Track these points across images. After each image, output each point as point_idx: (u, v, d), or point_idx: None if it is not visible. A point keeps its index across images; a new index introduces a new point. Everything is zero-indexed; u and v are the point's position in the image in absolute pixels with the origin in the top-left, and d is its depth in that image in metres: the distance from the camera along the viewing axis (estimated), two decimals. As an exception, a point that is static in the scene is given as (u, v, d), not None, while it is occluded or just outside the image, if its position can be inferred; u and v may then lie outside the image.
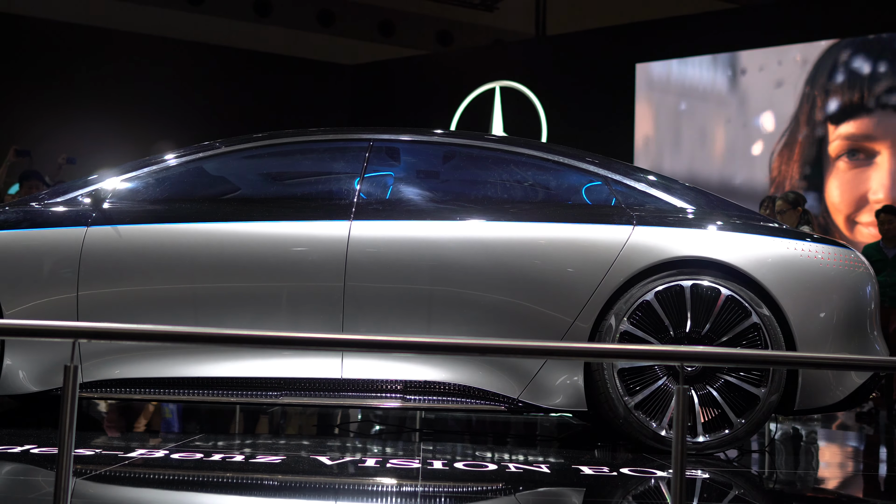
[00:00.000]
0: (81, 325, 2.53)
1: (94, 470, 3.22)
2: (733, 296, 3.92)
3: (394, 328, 4.00)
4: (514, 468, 3.53)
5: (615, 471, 3.50)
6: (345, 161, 4.43)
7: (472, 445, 4.28)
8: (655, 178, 4.41)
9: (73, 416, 2.33)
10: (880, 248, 7.51)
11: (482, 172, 4.49)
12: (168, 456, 3.53)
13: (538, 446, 4.44)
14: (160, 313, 4.02)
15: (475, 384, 3.98)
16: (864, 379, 4.06)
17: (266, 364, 4.04)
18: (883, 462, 4.68)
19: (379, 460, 3.59)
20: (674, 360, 2.73)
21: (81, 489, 2.92)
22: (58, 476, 2.30)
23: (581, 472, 3.49)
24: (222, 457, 3.53)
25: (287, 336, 2.73)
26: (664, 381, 3.92)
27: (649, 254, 3.99)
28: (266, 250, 4.06)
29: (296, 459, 3.54)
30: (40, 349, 4.00)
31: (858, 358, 3.82)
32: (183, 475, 3.26)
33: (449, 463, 3.57)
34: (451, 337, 3.92)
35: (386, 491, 3.15)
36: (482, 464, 3.60)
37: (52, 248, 4.07)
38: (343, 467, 3.43)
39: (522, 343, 3.05)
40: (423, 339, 2.83)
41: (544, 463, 3.67)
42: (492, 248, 4.06)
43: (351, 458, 3.60)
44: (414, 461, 3.58)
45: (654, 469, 3.55)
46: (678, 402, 2.61)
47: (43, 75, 13.94)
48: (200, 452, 3.60)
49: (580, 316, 3.98)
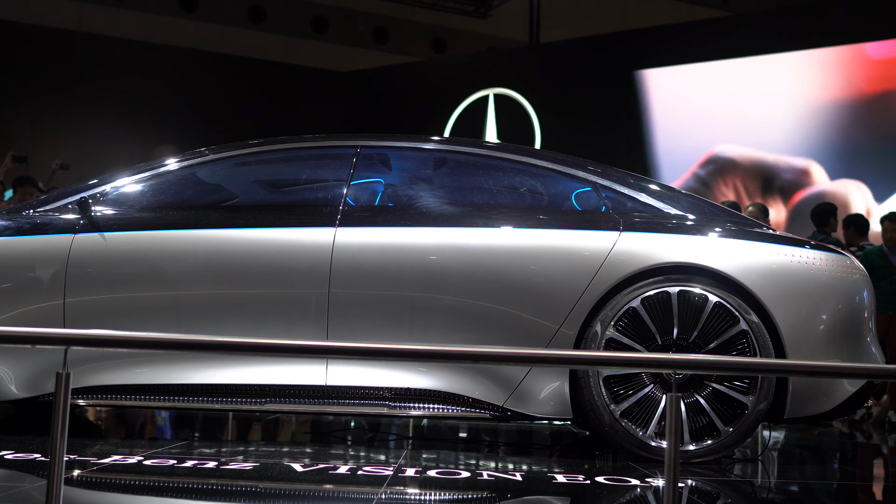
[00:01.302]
0: (73, 331, 2.55)
1: (65, 474, 3.18)
2: (721, 302, 3.87)
3: (378, 335, 3.98)
4: (486, 476, 3.47)
5: (590, 479, 3.43)
6: (332, 168, 4.42)
7: (455, 453, 4.23)
8: (646, 184, 4.37)
9: (65, 422, 2.34)
10: (884, 254, 7.39)
11: (469, 179, 4.48)
12: (141, 462, 3.50)
13: (520, 454, 4.38)
14: (146, 320, 4.02)
15: (460, 391, 3.95)
16: (857, 387, 4.01)
17: (251, 371, 4.02)
18: (875, 472, 4.64)
19: (352, 468, 3.53)
20: (667, 367, 2.68)
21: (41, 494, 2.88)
22: (49, 482, 2.31)
23: (554, 480, 3.43)
24: (194, 463, 3.51)
25: (271, 344, 2.72)
26: (651, 388, 3.88)
27: (635, 260, 3.94)
28: (252, 257, 4.05)
29: (267, 466, 3.51)
30: (27, 356, 4.01)
31: (854, 366, 3.78)
32: (152, 481, 3.23)
33: (422, 471, 3.52)
34: (436, 344, 3.88)
35: (345, 498, 3.09)
36: (455, 471, 3.55)
37: (39, 256, 4.08)
38: (313, 474, 3.38)
39: (510, 350, 3.02)
40: (407, 347, 2.78)
41: (518, 471, 3.62)
42: (476, 254, 4.03)
43: (325, 465, 3.55)
44: (388, 468, 3.54)
45: (632, 478, 3.49)
46: (670, 411, 2.57)
47: (37, 81, 13.91)
48: (173, 459, 3.58)
49: (565, 323, 3.94)
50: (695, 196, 4.51)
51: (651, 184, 4.43)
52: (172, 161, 4.36)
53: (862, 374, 3.57)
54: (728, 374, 3.83)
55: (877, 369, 3.41)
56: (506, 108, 13.79)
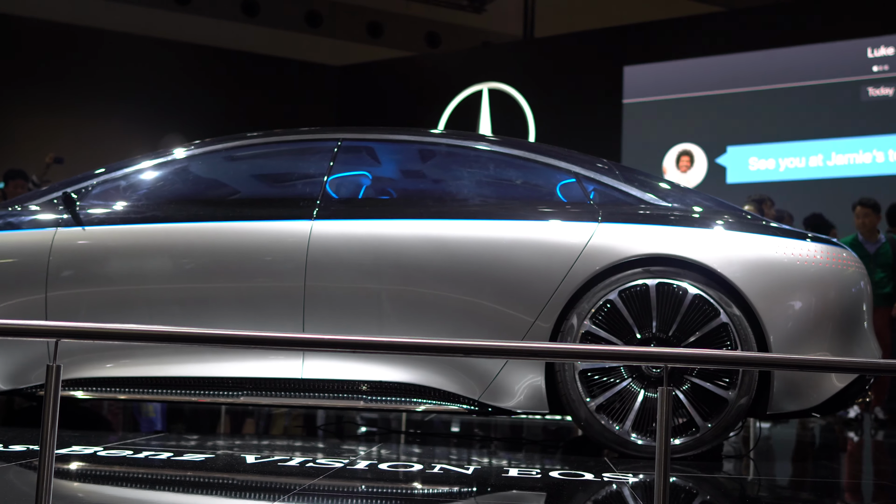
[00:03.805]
0: (64, 324, 2.58)
1: (17, 462, 3.21)
2: (701, 294, 3.78)
3: (354, 328, 3.95)
4: (438, 470, 3.38)
5: (543, 474, 3.33)
6: (312, 161, 4.41)
7: (418, 447, 4.16)
8: (634, 176, 4.28)
9: (55, 415, 2.38)
10: (859, 242, 7.23)
11: (448, 171, 4.44)
12: (95, 454, 3.48)
13: (479, 447, 4.29)
14: (126, 314, 4.04)
15: (436, 385, 3.91)
16: (846, 383, 3.86)
17: (227, 364, 4.02)
18: (864, 469, 4.56)
19: (304, 460, 3.47)
20: (658, 361, 2.60)
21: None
22: (39, 473, 2.35)
23: (506, 474, 3.33)
24: (147, 455, 3.48)
25: (247, 336, 2.71)
26: (628, 382, 3.80)
27: (612, 252, 3.86)
28: (231, 251, 4.06)
29: (220, 458, 3.48)
30: (11, 349, 4.05)
31: (844, 360, 3.56)
32: (102, 471, 3.22)
33: (374, 464, 3.45)
34: (410, 336, 3.81)
35: (279, 488, 3.02)
36: (407, 463, 3.48)
37: (22, 250, 4.14)
38: (264, 466, 3.33)
39: (489, 343, 2.91)
40: (381, 339, 2.74)
41: (473, 464, 3.53)
42: (451, 246, 3.97)
43: (280, 458, 3.49)
44: (341, 460, 3.48)
45: (587, 472, 3.39)
46: (661, 405, 2.51)
47: (30, 75, 13.84)
48: (129, 449, 3.57)
49: (541, 315, 3.86)
50: (688, 189, 4.44)
51: (640, 175, 4.35)
52: (155, 156, 4.41)
53: (852, 368, 3.42)
54: (719, 367, 3.70)
55: (865, 363, 3.29)
56: (500, 102, 13.71)
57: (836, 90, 11.16)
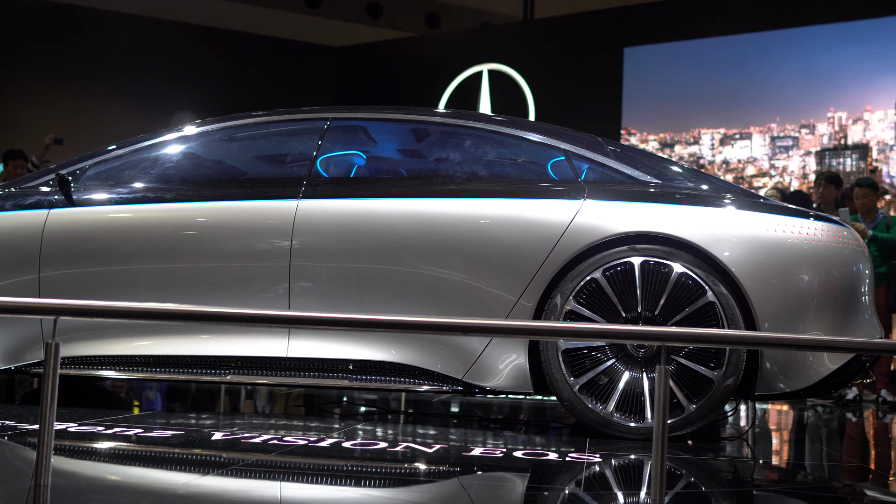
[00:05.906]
0: (63, 302, 2.63)
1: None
2: (687, 272, 3.72)
3: (338, 306, 3.94)
4: (403, 447, 3.35)
5: (506, 455, 3.29)
6: (301, 141, 4.41)
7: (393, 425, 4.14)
8: (625, 153, 4.22)
9: (54, 391, 2.42)
10: (859, 221, 7.21)
11: (435, 149, 4.44)
12: (66, 429, 3.48)
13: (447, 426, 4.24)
14: (115, 293, 4.08)
15: (420, 364, 3.88)
16: (839, 364, 3.76)
17: (214, 343, 4.04)
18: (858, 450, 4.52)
19: (269, 437, 3.45)
20: (655, 340, 2.56)
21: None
22: (39, 449, 2.37)
23: (468, 454, 3.29)
24: (115, 431, 3.49)
25: (232, 313, 2.77)
26: (612, 362, 3.76)
27: (597, 230, 3.81)
28: (219, 230, 4.09)
29: (186, 435, 3.48)
30: (4, 328, 4.10)
31: (837, 340, 3.45)
32: (70, 446, 3.21)
33: (340, 441, 3.44)
34: (393, 314, 3.78)
35: (229, 462, 3.03)
36: (374, 442, 3.46)
37: (15, 231, 4.21)
38: (229, 443, 3.33)
39: (477, 321, 2.87)
40: (364, 317, 2.74)
41: (437, 443, 3.48)
42: (435, 224, 3.94)
43: (245, 435, 3.48)
44: (309, 438, 3.48)
45: (551, 452, 3.34)
46: (659, 384, 2.48)
47: (29, 55, 13.81)
48: (101, 426, 3.59)
49: (524, 294, 3.82)
50: (693, 169, 4.37)
51: (633, 152, 4.29)
52: (148, 138, 4.45)
53: (848, 347, 3.34)
54: (718, 346, 3.61)
55: (860, 343, 3.22)
56: (500, 83, 13.65)
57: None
